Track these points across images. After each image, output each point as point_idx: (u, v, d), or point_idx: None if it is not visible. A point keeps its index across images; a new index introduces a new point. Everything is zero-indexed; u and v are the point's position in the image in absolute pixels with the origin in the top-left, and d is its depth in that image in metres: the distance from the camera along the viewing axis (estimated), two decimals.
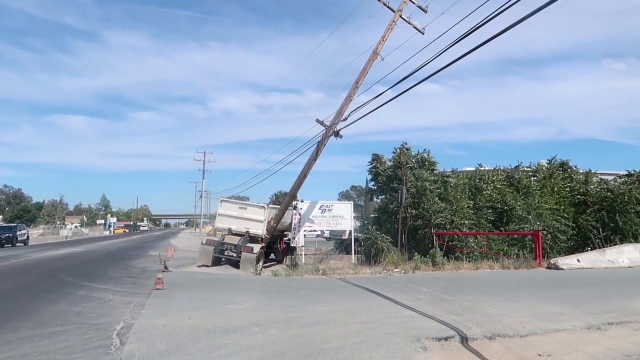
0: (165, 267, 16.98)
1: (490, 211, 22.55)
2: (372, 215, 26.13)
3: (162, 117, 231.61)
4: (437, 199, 21.81)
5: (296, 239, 20.94)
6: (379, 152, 25.30)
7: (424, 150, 24.74)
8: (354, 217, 23.36)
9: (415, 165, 23.83)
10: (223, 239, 19.67)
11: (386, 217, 23.09)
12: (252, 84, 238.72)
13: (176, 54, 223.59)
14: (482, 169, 25.29)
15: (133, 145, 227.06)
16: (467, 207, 21.74)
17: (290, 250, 22.91)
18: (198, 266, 19.20)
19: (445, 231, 21.08)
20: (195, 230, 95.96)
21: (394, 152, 24.66)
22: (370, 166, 25.09)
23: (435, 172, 24.00)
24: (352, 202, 23.44)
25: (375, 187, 25.12)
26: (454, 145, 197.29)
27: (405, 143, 24.66)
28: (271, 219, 20.06)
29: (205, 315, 9.11)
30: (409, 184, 22.41)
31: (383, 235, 20.86)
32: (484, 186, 23.49)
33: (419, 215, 21.75)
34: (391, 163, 24.42)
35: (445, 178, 23.75)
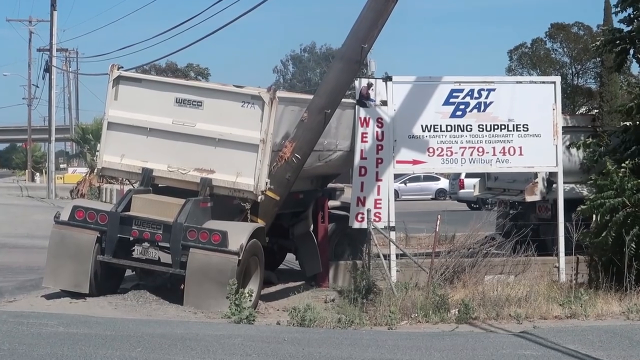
0: None
1: None
2: (621, 130, 17.32)
3: None
4: None
5: (368, 205, 13.82)
6: None
7: None
8: (568, 133, 15.92)
9: None
10: (127, 208, 11.82)
11: None
12: None
13: None
14: None
15: None
16: None
17: (350, 241, 15.48)
18: (45, 296, 12.09)
19: None
20: (34, 178, 60.80)
21: None
22: None
23: None
24: (557, 79, 15.93)
25: (637, 31, 17.35)
26: None
27: None
28: (286, 138, 12.84)
29: None
30: None
31: None
32: None
33: None
34: None
35: None
